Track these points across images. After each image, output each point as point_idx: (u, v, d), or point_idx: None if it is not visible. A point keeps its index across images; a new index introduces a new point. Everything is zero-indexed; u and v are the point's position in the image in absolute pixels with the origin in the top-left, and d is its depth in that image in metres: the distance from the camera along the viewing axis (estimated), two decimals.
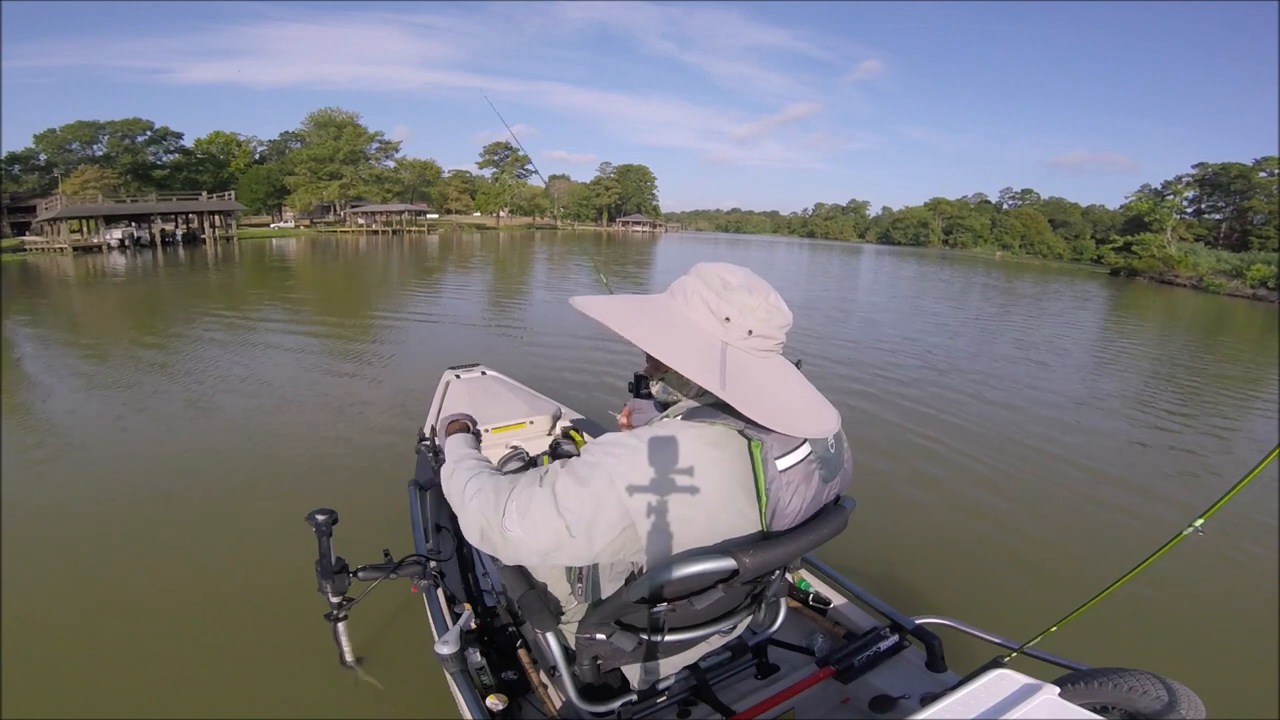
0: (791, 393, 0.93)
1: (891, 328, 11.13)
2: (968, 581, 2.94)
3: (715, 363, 0.89)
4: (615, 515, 0.87)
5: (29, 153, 40.41)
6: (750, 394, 0.87)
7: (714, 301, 0.93)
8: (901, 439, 4.92)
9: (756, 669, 1.42)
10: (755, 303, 0.93)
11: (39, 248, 25.87)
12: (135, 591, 2.56)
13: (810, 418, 0.92)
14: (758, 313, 0.93)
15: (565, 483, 0.89)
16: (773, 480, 0.88)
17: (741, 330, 0.92)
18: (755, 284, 0.96)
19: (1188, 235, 46.23)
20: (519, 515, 0.90)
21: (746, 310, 0.92)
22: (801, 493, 0.92)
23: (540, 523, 0.89)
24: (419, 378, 5.75)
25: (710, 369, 0.88)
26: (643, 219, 73.02)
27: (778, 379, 0.94)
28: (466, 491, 0.99)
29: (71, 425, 4.61)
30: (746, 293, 0.93)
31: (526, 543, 0.90)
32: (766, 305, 0.93)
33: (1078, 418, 5.92)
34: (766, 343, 0.94)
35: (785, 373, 0.96)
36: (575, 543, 0.88)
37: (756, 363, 0.93)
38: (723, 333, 0.93)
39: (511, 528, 0.90)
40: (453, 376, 3.19)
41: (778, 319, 0.94)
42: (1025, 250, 68.53)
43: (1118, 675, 1.07)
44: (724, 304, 0.93)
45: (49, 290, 14.22)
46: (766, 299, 0.94)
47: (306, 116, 49.65)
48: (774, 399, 0.89)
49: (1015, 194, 78.57)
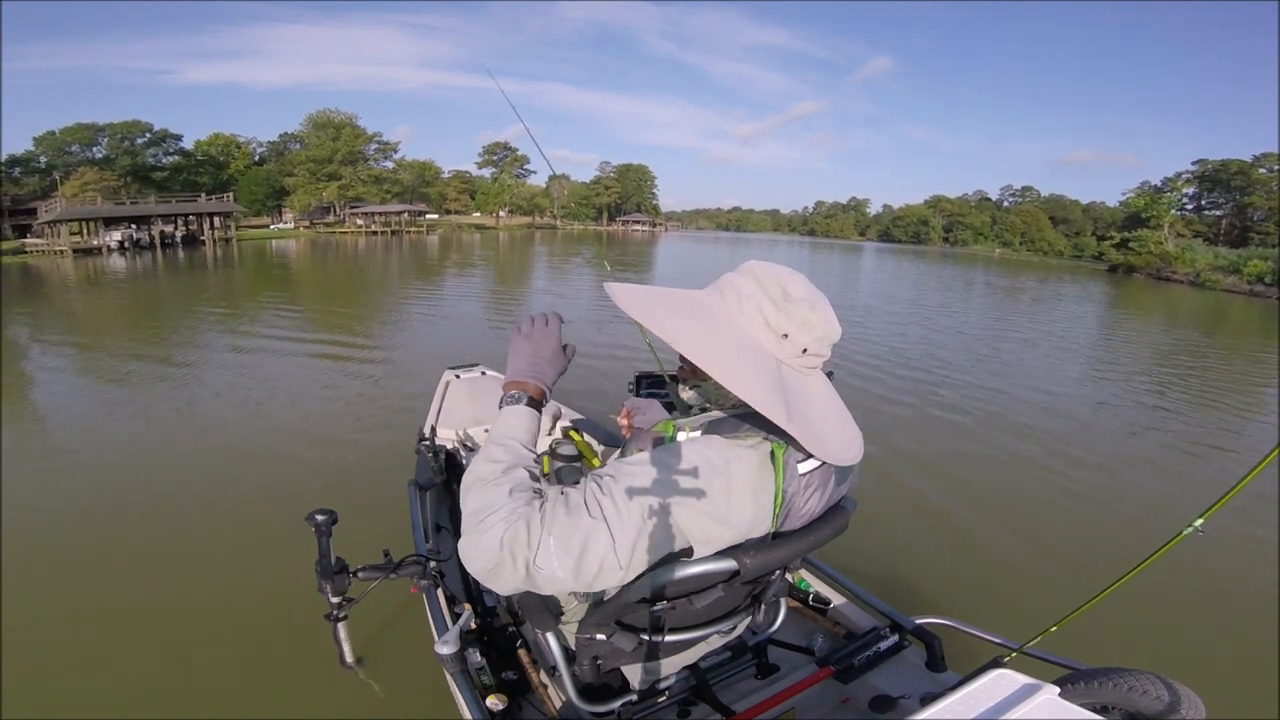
0: (829, 414, 0.88)
1: (890, 326, 11.12)
2: (968, 581, 2.93)
3: (774, 386, 0.81)
4: (660, 541, 0.83)
5: (29, 155, 40.41)
6: (808, 423, 0.81)
7: (772, 314, 0.85)
8: (901, 438, 4.91)
9: (756, 669, 1.42)
10: (816, 319, 0.85)
11: (39, 250, 25.87)
12: (133, 592, 2.56)
13: (843, 444, 0.87)
14: (816, 330, 0.85)
15: (613, 514, 0.79)
16: (791, 483, 0.87)
17: (797, 348, 0.85)
18: (816, 297, 0.87)
19: (1186, 232, 46.21)
20: (560, 549, 0.78)
21: (807, 327, 0.85)
22: (818, 496, 0.91)
23: (590, 557, 0.79)
24: (419, 378, 5.76)
25: (773, 396, 0.80)
26: (642, 218, 73.03)
27: (819, 399, 0.88)
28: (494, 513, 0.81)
29: (71, 425, 4.62)
30: (809, 307, 0.85)
31: (560, 579, 0.79)
32: (826, 322, 0.86)
33: (1077, 418, 5.92)
34: (815, 360, 0.88)
35: (824, 391, 0.90)
36: (618, 573, 0.82)
37: (803, 381, 0.86)
38: (777, 349, 0.85)
39: (544, 565, 0.78)
40: (453, 376, 3.18)
41: (833, 336, 0.87)
42: (1026, 248, 68.50)
43: (1118, 675, 1.06)
44: (784, 318, 0.84)
45: (50, 292, 14.23)
46: (827, 315, 0.86)
47: (305, 117, 49.83)
48: (820, 424, 0.84)
49: (1016, 191, 78.58)
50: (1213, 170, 49.93)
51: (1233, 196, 49.51)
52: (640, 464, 0.84)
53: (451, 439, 2.50)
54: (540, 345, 1.00)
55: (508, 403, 0.94)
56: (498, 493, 0.82)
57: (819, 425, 0.84)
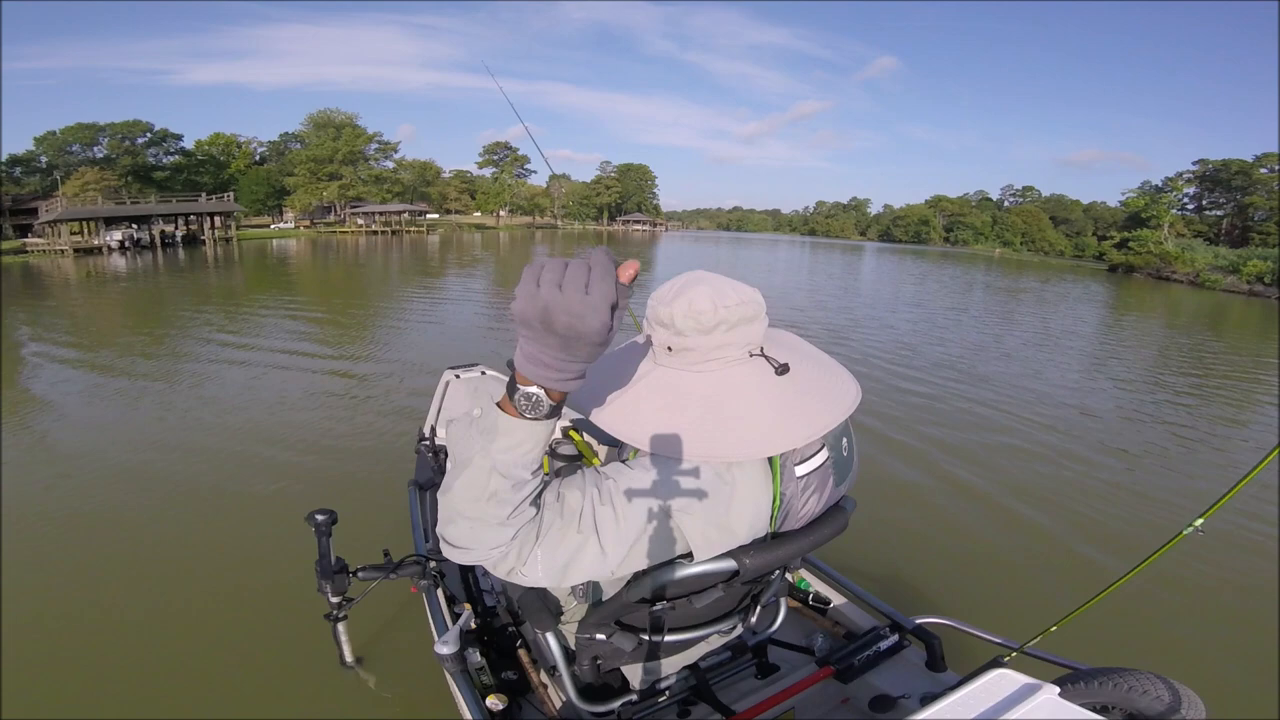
0: (749, 408, 0.82)
1: (888, 326, 11.12)
2: (968, 581, 2.93)
3: (631, 416, 0.82)
4: (658, 547, 0.82)
5: (30, 155, 40.46)
6: (678, 432, 0.79)
7: (647, 324, 0.87)
8: (901, 438, 4.91)
9: (756, 669, 1.42)
10: (664, 314, 0.82)
11: (40, 249, 25.89)
12: (133, 592, 2.56)
13: (766, 437, 0.80)
14: (668, 328, 0.83)
15: (608, 523, 0.77)
16: (788, 485, 0.86)
17: (660, 348, 0.84)
18: (674, 290, 0.83)
19: (1186, 231, 46.11)
20: (546, 558, 0.75)
21: (660, 324, 0.84)
22: (817, 497, 0.91)
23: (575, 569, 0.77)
24: (419, 378, 5.76)
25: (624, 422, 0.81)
26: (643, 218, 72.97)
27: (726, 393, 0.82)
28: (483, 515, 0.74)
29: (70, 424, 4.62)
30: (657, 301, 0.84)
31: (541, 582, 0.77)
32: (671, 315, 0.81)
33: (1076, 419, 5.91)
34: (699, 356, 0.83)
35: (744, 386, 0.83)
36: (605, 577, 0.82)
37: (689, 382, 0.83)
38: (653, 356, 0.86)
39: (529, 573, 0.75)
40: (452, 376, 3.17)
41: (692, 328, 0.81)
42: (1026, 248, 68.44)
43: (1118, 675, 1.06)
44: (648, 325, 0.85)
45: (50, 291, 14.24)
46: (673, 310, 0.82)
47: (306, 117, 49.83)
48: (685, 420, 0.80)
49: (1017, 191, 78.53)
50: (1214, 170, 49.79)
51: (1234, 196, 49.40)
52: (643, 468, 0.81)
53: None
54: (583, 313, 0.58)
55: (521, 407, 0.65)
56: (497, 534, 0.72)
57: (710, 428, 0.80)
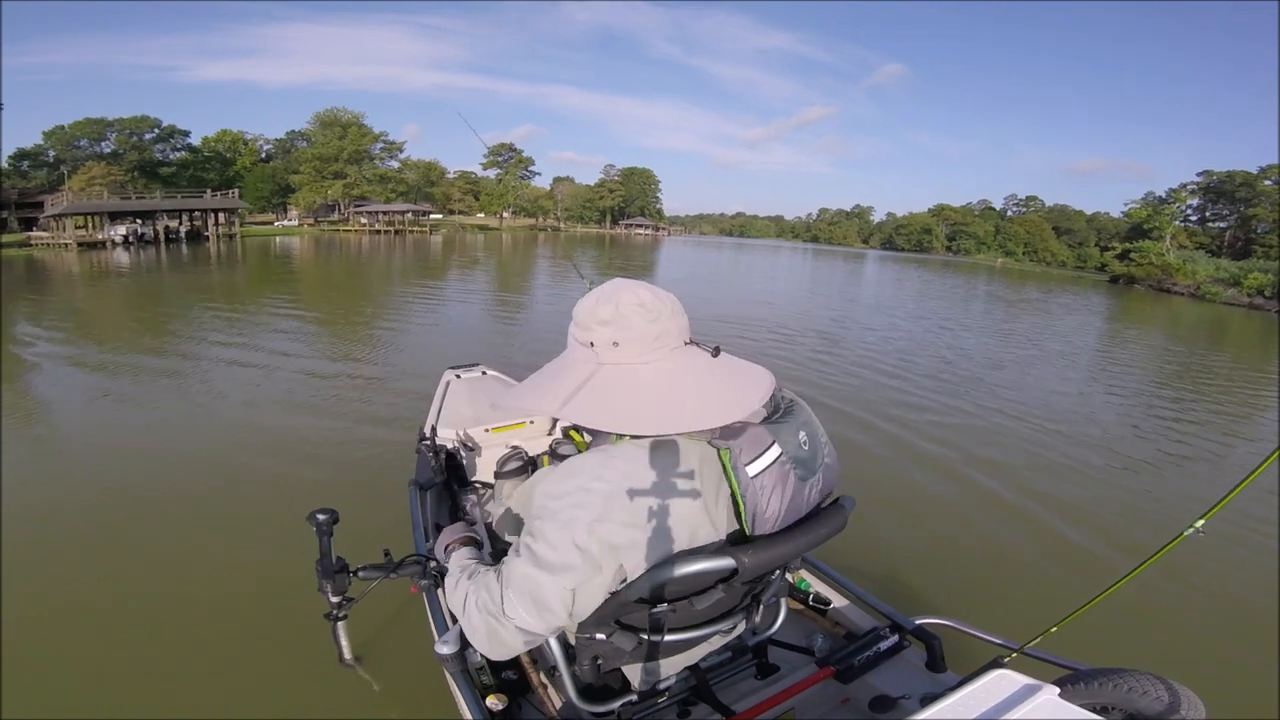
0: (684, 389, 0.89)
1: (887, 331, 11.13)
2: (968, 581, 2.94)
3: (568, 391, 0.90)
4: (606, 561, 0.86)
5: (38, 149, 40.65)
6: (601, 407, 0.87)
7: (579, 334, 0.94)
8: (902, 440, 4.92)
9: (756, 669, 1.41)
10: (605, 312, 0.90)
11: (44, 243, 26.00)
12: (132, 591, 2.55)
13: (694, 412, 0.87)
14: (612, 325, 0.90)
15: (546, 553, 0.85)
16: (746, 486, 0.87)
17: (606, 345, 0.91)
18: (606, 292, 0.92)
19: (1189, 243, 46.11)
20: (518, 597, 0.87)
21: (601, 324, 0.91)
22: (779, 495, 0.90)
23: (545, 597, 0.86)
24: (420, 377, 5.76)
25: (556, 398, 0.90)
26: (645, 222, 73.12)
27: (671, 381, 0.90)
28: (467, 596, 0.96)
29: (69, 422, 4.62)
30: (595, 303, 0.92)
31: (534, 624, 0.87)
32: (617, 311, 0.90)
33: (1077, 421, 5.92)
34: (643, 347, 0.90)
35: (682, 370, 0.91)
36: (579, 599, 0.87)
37: (637, 372, 0.90)
38: (594, 358, 0.92)
39: (513, 614, 0.87)
40: (453, 376, 3.18)
41: (637, 320, 0.90)
42: (1029, 257, 68.46)
43: (1118, 675, 1.07)
44: (584, 331, 0.93)
45: (53, 285, 14.28)
46: (618, 306, 0.90)
47: (312, 116, 50.05)
48: (644, 403, 0.87)
49: (1020, 200, 78.60)
50: (1218, 181, 49.77)
51: (1237, 208, 49.37)
52: (566, 492, 0.87)
53: (452, 439, 2.50)
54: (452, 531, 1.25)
55: (455, 551, 1.17)
56: (465, 584, 0.99)
57: (633, 404, 0.87)
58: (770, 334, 9.95)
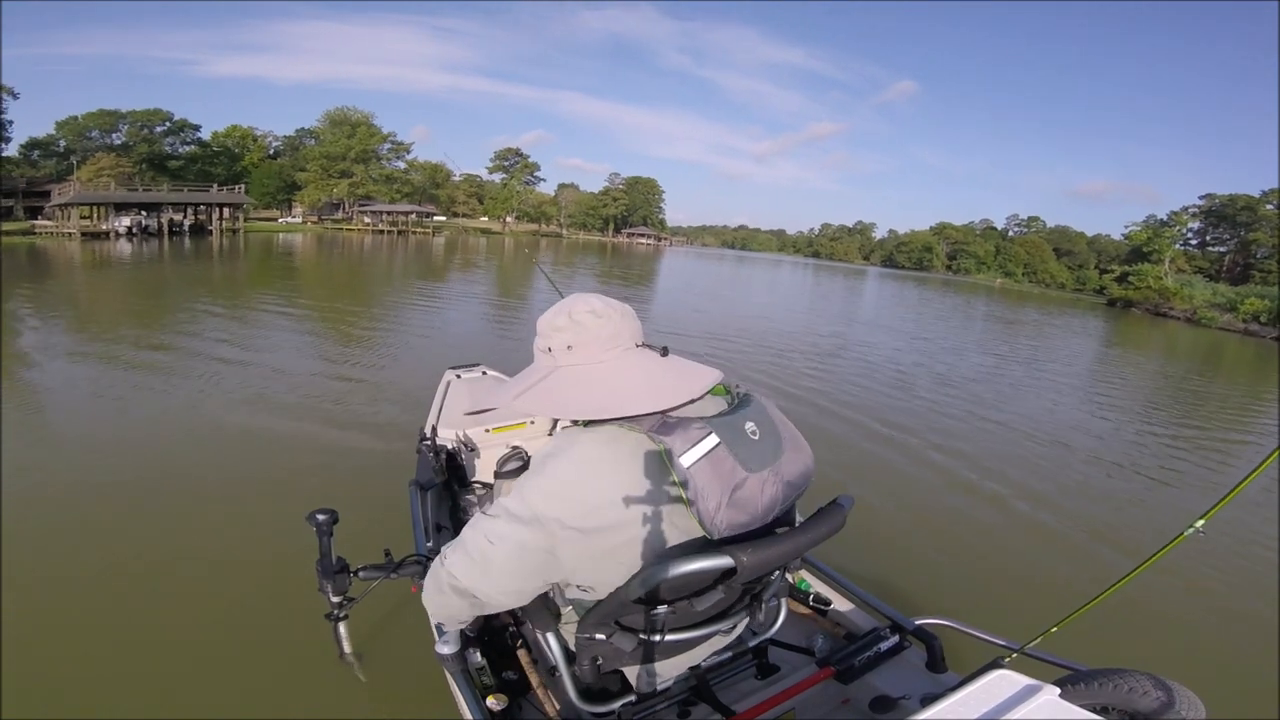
0: (628, 381, 0.97)
1: (886, 338, 11.16)
2: (968, 582, 2.95)
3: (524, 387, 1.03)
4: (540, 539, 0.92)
5: (50, 139, 40.79)
6: (552, 399, 0.98)
7: (540, 343, 1.05)
8: (902, 442, 4.93)
9: (757, 669, 1.41)
10: (561, 321, 1.01)
11: (48, 232, 26.02)
12: (132, 590, 2.53)
13: (634, 397, 0.95)
14: (566, 331, 1.00)
15: (489, 509, 0.98)
16: (687, 480, 0.86)
17: (561, 349, 1.01)
18: (562, 305, 1.04)
19: (1188, 267, 46.30)
20: (460, 549, 0.99)
21: (556, 331, 1.02)
22: (719, 485, 0.88)
23: (479, 545, 0.96)
24: (420, 377, 5.75)
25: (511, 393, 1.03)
26: (647, 231, 73.42)
27: (617, 374, 0.98)
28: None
29: (69, 420, 4.56)
30: (553, 315, 1.03)
31: (465, 575, 0.97)
32: (570, 319, 1.00)
33: (1077, 424, 5.94)
34: (597, 348, 0.99)
35: (629, 366, 1.00)
36: (506, 553, 0.94)
37: (590, 370, 0.99)
38: (552, 362, 1.02)
39: (452, 567, 0.99)
40: (454, 376, 3.18)
41: (590, 323, 1.00)
42: (1028, 278, 68.75)
43: (1118, 676, 1.07)
44: (543, 339, 1.04)
45: (54, 274, 14.28)
46: (571, 314, 1.01)
47: (323, 114, 50.37)
48: (589, 393, 0.96)
49: (1022, 221, 79.01)
50: (1219, 205, 49.97)
51: (1238, 232, 49.59)
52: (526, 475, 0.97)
53: (452, 439, 2.49)
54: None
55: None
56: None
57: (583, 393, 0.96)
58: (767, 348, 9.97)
